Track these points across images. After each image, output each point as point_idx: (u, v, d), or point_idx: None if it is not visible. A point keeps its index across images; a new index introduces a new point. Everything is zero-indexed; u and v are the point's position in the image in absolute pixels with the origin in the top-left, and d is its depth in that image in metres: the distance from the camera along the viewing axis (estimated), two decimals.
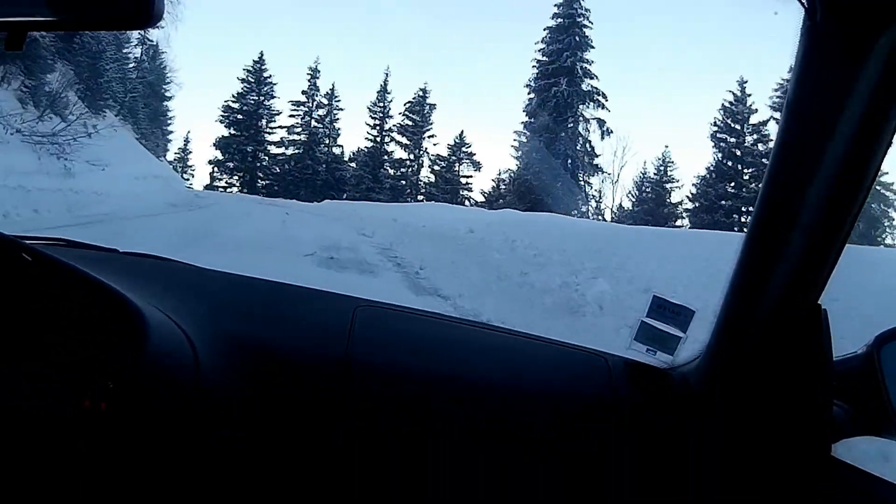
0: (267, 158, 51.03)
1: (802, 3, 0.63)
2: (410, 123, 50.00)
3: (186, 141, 52.81)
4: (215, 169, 50.67)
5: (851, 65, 0.63)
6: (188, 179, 50.66)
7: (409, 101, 50.53)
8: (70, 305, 0.75)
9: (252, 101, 50.42)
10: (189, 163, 52.97)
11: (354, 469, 0.85)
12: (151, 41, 36.86)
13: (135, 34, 30.50)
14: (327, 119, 51.37)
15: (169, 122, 45.36)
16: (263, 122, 51.20)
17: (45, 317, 0.73)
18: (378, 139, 50.61)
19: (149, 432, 0.68)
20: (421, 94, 50.10)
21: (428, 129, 50.60)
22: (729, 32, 50.51)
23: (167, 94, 42.91)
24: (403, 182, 50.37)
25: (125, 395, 0.67)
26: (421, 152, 50.61)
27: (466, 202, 50.98)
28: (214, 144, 50.34)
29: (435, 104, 51.27)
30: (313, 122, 51.44)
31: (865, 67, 0.62)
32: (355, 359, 0.92)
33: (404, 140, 50.11)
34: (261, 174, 50.81)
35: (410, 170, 50.59)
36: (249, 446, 0.80)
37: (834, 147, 0.68)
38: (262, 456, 0.81)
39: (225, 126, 50.35)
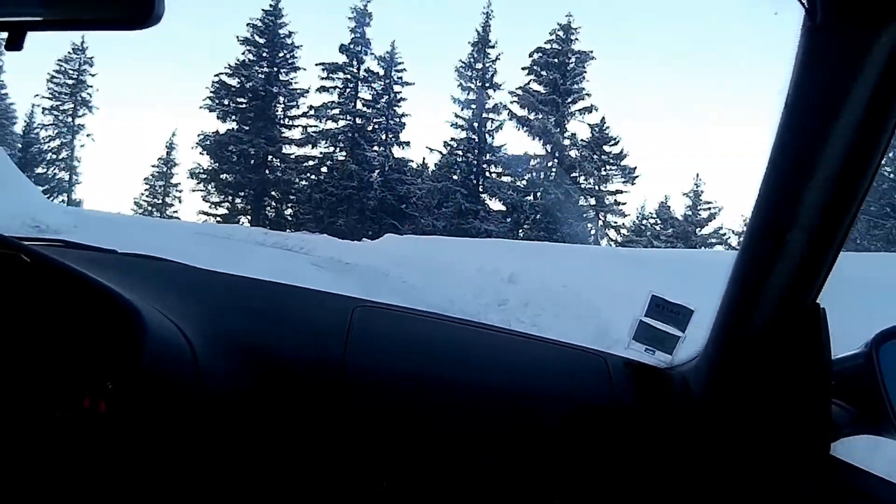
0: (284, 165, 29.79)
1: (803, 4, 0.64)
2: (542, 90, 26.19)
3: (170, 147, 33.76)
4: (202, 186, 29.94)
5: (851, 65, 0.64)
6: (166, 205, 30.85)
7: (539, 49, 27.01)
8: (69, 306, 0.76)
9: (261, 75, 29.62)
10: (173, 180, 33.68)
11: (352, 470, 0.86)
12: None
13: None
14: (384, 98, 28.84)
15: None
16: (279, 108, 30.36)
17: (44, 318, 0.74)
18: (475, 124, 27.22)
19: (148, 433, 0.69)
20: (561, 31, 26.53)
21: (577, 93, 26.44)
22: (728, 33, 45.96)
23: None
24: (529, 197, 26.01)
25: (124, 395, 0.68)
26: (564, 137, 26.26)
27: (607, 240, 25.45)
28: (199, 145, 29.29)
29: (592, 52, 27.28)
30: (360, 104, 29.11)
31: (865, 67, 0.63)
32: (353, 359, 0.93)
33: (532, 116, 26.14)
34: (275, 192, 29.55)
35: (544, 174, 26.26)
36: (247, 447, 0.81)
37: (833, 147, 0.69)
38: (260, 456, 0.82)
39: (218, 117, 29.34)
